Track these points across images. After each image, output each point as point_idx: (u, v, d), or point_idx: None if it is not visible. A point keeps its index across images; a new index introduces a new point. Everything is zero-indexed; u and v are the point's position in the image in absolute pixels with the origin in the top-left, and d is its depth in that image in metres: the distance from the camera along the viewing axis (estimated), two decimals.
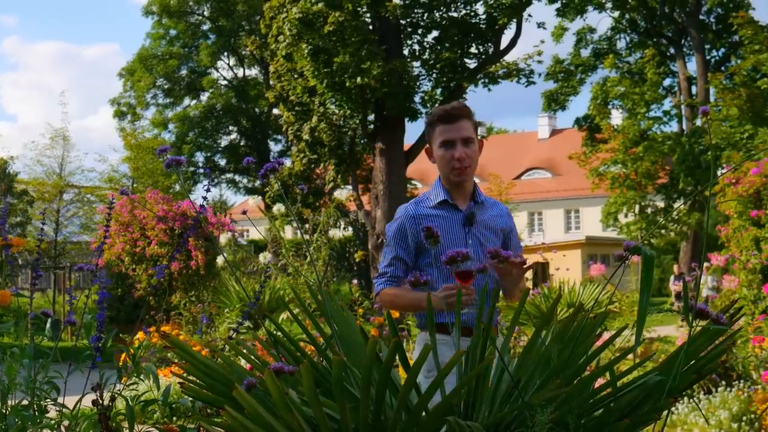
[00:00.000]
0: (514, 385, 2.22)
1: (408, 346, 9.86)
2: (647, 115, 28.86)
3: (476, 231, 3.92)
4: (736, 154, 21.17)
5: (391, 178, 22.34)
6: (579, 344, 2.27)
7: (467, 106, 4.03)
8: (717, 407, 6.61)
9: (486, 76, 23.15)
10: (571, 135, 47.58)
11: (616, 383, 2.15)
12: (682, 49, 31.46)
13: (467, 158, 3.91)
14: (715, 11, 31.36)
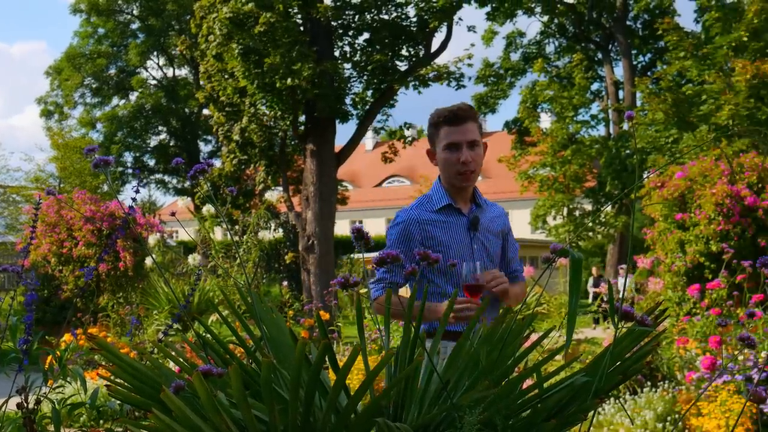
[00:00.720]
0: (443, 386, 2.24)
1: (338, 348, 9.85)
2: (575, 118, 29.24)
3: (480, 235, 3.85)
4: (662, 158, 21.52)
5: (321, 180, 22.29)
6: (507, 346, 2.30)
7: (473, 107, 3.93)
8: (642, 407, 6.72)
9: (416, 79, 23.22)
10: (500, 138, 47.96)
11: (543, 384, 2.18)
12: (609, 54, 31.91)
13: (473, 162, 3.81)
14: (641, 17, 31.87)
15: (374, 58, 22.66)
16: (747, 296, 8.59)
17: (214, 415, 1.94)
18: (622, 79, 30.92)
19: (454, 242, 3.81)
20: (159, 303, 12.65)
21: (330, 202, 22.63)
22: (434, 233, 3.80)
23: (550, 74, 31.51)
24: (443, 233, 3.81)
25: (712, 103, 21.36)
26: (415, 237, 3.78)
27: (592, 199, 29.19)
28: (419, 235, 3.78)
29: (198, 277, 7.17)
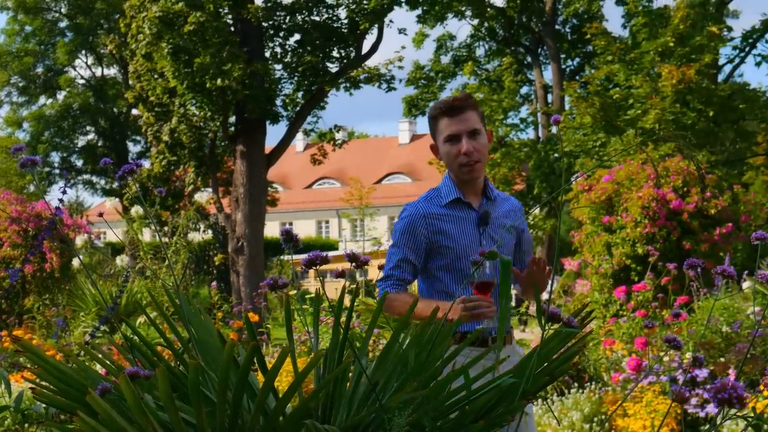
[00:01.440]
0: (372, 388, 2.24)
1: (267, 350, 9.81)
2: (505, 122, 29.47)
3: (491, 230, 3.72)
4: (590, 161, 21.79)
5: (252, 181, 22.18)
6: (436, 347, 2.31)
7: (471, 96, 3.82)
8: (570, 408, 6.79)
9: (347, 81, 23.23)
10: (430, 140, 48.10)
11: (471, 385, 2.19)
12: (538, 58, 32.21)
13: (475, 152, 3.66)
14: (570, 22, 32.22)
15: (305, 59, 22.62)
16: (672, 298, 8.74)
17: (140, 417, 1.92)
18: (551, 83, 31.24)
19: (463, 237, 3.69)
20: (86, 305, 12.47)
21: (260, 204, 22.53)
22: (442, 228, 3.69)
23: (480, 77, 31.72)
24: (451, 228, 3.69)
25: (639, 107, 21.69)
26: (421, 231, 3.68)
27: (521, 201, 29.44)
28: (425, 230, 3.68)
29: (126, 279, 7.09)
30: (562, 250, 25.96)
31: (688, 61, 21.97)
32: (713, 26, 23.03)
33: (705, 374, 6.01)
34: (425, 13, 29.98)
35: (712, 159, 20.70)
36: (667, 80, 21.22)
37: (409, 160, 57.43)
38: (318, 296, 2.57)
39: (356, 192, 34.50)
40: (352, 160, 54.63)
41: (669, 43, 22.36)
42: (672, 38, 22.36)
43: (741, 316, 8.22)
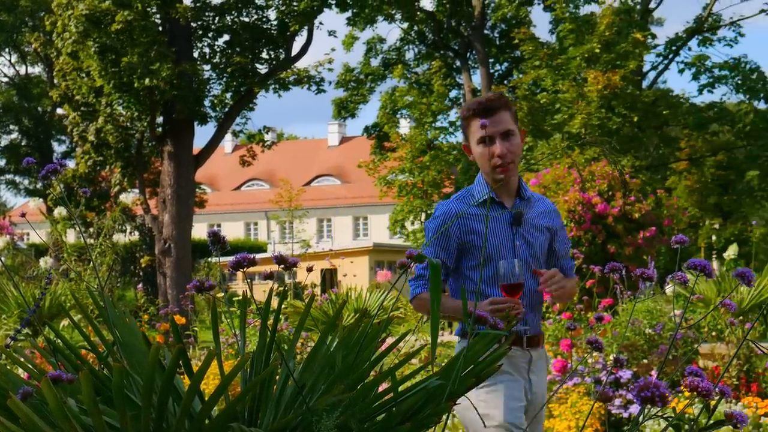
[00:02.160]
0: (299, 390, 2.23)
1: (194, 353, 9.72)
2: (434, 125, 29.60)
3: (523, 231, 3.67)
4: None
5: (179, 182, 21.99)
6: (363, 349, 2.31)
7: (504, 95, 3.77)
8: None
9: (277, 82, 23.17)
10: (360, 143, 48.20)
11: (398, 388, 2.20)
12: (467, 62, 32.41)
13: (509, 153, 3.60)
14: (499, 27, 32.49)
15: (234, 60, 22.50)
16: (596, 300, 8.85)
17: (63, 421, 1.89)
18: (479, 87, 31.47)
19: (495, 237, 3.65)
20: (8, 307, 12.24)
21: (187, 205, 22.35)
22: (473, 227, 3.65)
23: (409, 80, 31.83)
24: (483, 228, 3.65)
25: (565, 112, 21.96)
26: (452, 231, 3.64)
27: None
28: (457, 230, 3.64)
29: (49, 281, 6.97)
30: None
31: (613, 67, 22.31)
32: (638, 33, 23.42)
33: (628, 375, 6.10)
34: (355, 15, 30.01)
35: (637, 164, 21.05)
36: (593, 86, 21.51)
37: (339, 163, 57.42)
38: (245, 298, 2.56)
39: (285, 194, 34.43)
40: (281, 162, 54.46)
41: (595, 50, 22.67)
42: (598, 44, 22.68)
43: (664, 318, 8.37)
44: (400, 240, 32.37)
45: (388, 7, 30.03)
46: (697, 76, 27.79)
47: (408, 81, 31.69)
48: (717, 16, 29.79)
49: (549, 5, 27.48)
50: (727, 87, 27.55)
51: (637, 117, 22.69)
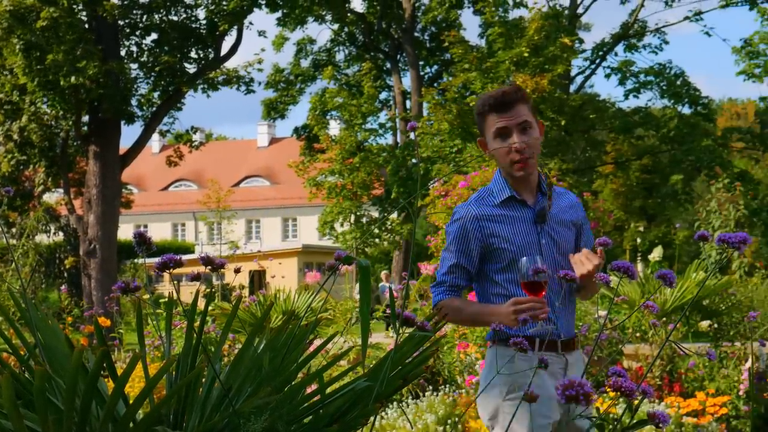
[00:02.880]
0: (225, 392, 2.21)
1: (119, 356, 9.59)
2: (364, 126, 29.62)
3: (549, 228, 3.48)
4: (446, 167, 22.10)
5: (105, 183, 21.70)
6: (291, 351, 2.29)
7: (521, 88, 3.59)
8: (424, 411, 6.85)
9: (205, 82, 23.00)
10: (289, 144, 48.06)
11: (326, 390, 2.19)
12: (397, 64, 32.50)
13: (527, 147, 3.42)
14: (429, 29, 32.62)
15: (162, 59, 22.28)
16: None
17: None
18: (409, 89, 31.56)
19: (519, 237, 3.46)
20: None
21: (113, 206, 22.06)
22: (495, 229, 3.48)
23: (339, 82, 31.83)
24: (506, 228, 3.48)
25: None
26: (473, 235, 3.48)
27: (379, 206, 29.64)
28: (478, 233, 3.47)
29: None
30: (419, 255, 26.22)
31: (541, 71, 22.52)
32: (566, 38, 23.68)
33: None
34: (285, 16, 29.92)
35: (564, 167, 21.27)
36: None
37: (268, 164, 57.19)
38: (172, 300, 2.53)
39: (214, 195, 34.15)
40: (209, 163, 54.08)
41: (524, 53, 22.88)
42: (527, 49, 22.89)
43: (589, 319, 8.46)
44: (329, 241, 32.31)
45: (318, 8, 30.01)
46: (623, 81, 28.22)
47: (338, 82, 31.70)
48: (643, 22, 30.31)
49: (479, 9, 27.70)
50: (653, 92, 28.06)
51: (565, 121, 22.94)
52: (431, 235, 13.07)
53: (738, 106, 68.58)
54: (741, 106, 68.18)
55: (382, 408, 6.79)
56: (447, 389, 7.45)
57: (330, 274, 2.37)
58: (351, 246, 27.94)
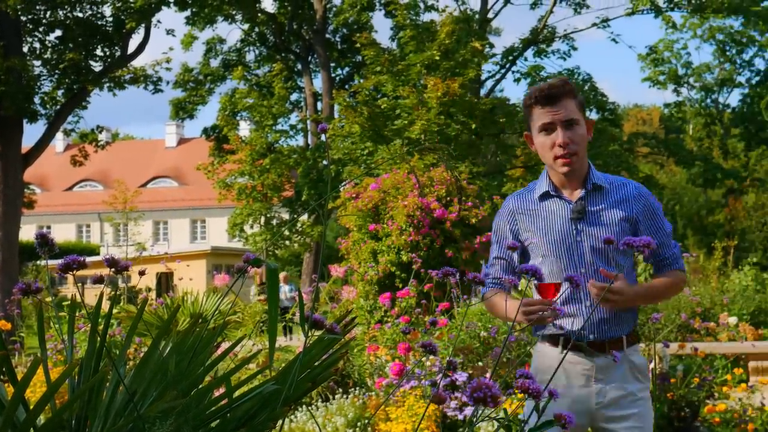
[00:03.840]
0: (130, 397, 2.15)
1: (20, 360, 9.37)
2: (274, 128, 29.50)
3: (589, 226, 3.34)
4: (357, 169, 22.11)
5: (6, 182, 21.20)
6: (198, 354, 2.25)
7: (569, 82, 3.44)
8: (334, 414, 6.83)
9: (112, 80, 22.64)
10: (198, 144, 47.65)
11: (233, 393, 2.15)
12: (309, 66, 32.44)
13: (572, 143, 3.31)
14: (340, 31, 32.63)
15: (67, 56, 21.86)
16: (434, 304, 8.95)
17: None
18: (320, 91, 31.53)
19: (552, 233, 3.36)
20: None
21: (15, 206, 21.57)
22: (529, 224, 3.42)
23: (250, 82, 31.65)
24: (540, 223, 3.40)
25: (405, 117, 22.19)
26: (507, 228, 3.46)
27: (289, 208, 29.54)
28: (513, 226, 3.44)
29: None
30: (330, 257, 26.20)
31: (452, 75, 22.69)
32: (476, 42, 23.91)
33: (464, 378, 6.18)
34: (194, 15, 29.64)
35: (474, 170, 21.44)
36: (433, 92, 21.82)
37: (177, 164, 56.58)
38: (75, 303, 2.46)
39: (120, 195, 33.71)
40: (116, 163, 53.31)
41: (435, 57, 23.01)
42: (438, 52, 23.03)
43: (498, 321, 8.53)
44: (239, 243, 32.10)
45: (228, 8, 29.79)
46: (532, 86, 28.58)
47: (248, 83, 31.51)
48: (552, 28, 30.78)
49: (390, 11, 27.81)
50: None
51: (475, 124, 23.13)
52: (342, 237, 13.05)
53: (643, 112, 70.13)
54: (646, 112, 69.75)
55: (291, 411, 6.74)
56: (357, 392, 7.43)
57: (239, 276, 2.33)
58: (260, 248, 27.79)
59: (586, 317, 3.33)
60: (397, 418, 6.33)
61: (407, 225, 11.47)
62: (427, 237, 11.50)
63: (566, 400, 3.31)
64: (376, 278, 11.65)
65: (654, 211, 3.42)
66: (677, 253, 3.50)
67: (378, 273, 11.63)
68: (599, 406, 3.34)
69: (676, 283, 3.49)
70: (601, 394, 3.34)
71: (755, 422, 6.72)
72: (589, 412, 3.35)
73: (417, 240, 11.44)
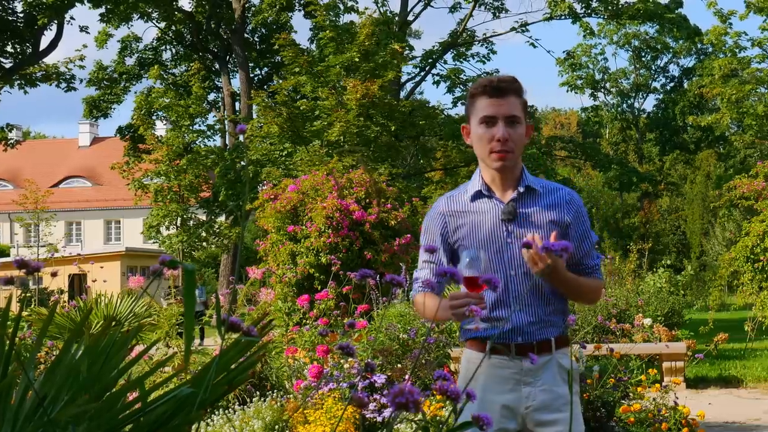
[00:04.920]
0: (40, 401, 2.08)
1: None
2: (192, 128, 29.19)
3: (520, 228, 3.27)
4: (276, 170, 21.97)
5: None
6: (111, 358, 2.18)
7: (518, 80, 3.34)
8: (251, 417, 6.75)
9: (22, 78, 22.21)
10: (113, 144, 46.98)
11: (147, 397, 2.09)
12: (227, 66, 32.20)
13: (510, 141, 3.22)
14: (259, 31, 32.47)
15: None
16: (353, 306, 8.93)
17: None
18: (239, 91, 31.31)
19: (482, 234, 3.29)
20: None
21: None
22: (460, 225, 3.34)
23: (166, 82, 31.30)
24: (470, 225, 3.32)
25: (325, 119, 22.13)
26: (436, 230, 3.37)
27: (206, 209, 29.27)
28: (443, 229, 3.35)
29: None
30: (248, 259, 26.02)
31: (372, 77, 22.68)
32: (396, 45, 23.94)
33: (383, 380, 6.16)
34: (109, 12, 29.19)
35: (394, 172, 21.48)
36: (352, 94, 21.80)
37: (90, 164, 55.69)
38: None
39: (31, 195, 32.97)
40: (27, 162, 52.29)
41: (354, 59, 22.99)
42: (357, 54, 23.01)
43: (417, 323, 8.53)
44: (154, 245, 31.70)
45: (144, 5, 29.41)
46: (451, 89, 28.76)
47: (165, 82, 31.16)
48: (471, 32, 30.98)
49: (310, 12, 27.70)
50: None
51: (395, 126, 23.16)
52: (260, 239, 12.95)
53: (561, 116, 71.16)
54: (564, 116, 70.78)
55: (207, 415, 6.65)
56: (275, 395, 7.36)
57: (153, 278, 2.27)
58: (177, 249, 27.48)
59: (516, 322, 3.29)
60: (316, 420, 6.29)
61: (326, 227, 11.43)
62: (346, 239, 11.48)
63: (496, 404, 3.28)
64: (294, 280, 11.60)
65: (584, 219, 3.39)
66: (598, 264, 3.48)
67: (296, 275, 11.57)
68: (529, 409, 3.30)
69: (597, 289, 3.49)
70: (531, 397, 3.30)
71: (668, 422, 6.82)
72: (520, 416, 3.31)
73: (336, 242, 11.41)
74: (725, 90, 30.61)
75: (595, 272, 3.44)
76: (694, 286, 31.06)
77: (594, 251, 3.45)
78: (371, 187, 12.06)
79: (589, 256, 3.42)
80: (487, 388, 3.30)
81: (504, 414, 3.28)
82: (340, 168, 13.71)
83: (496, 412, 3.26)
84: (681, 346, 11.42)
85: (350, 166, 14.83)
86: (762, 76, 31.12)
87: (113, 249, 42.27)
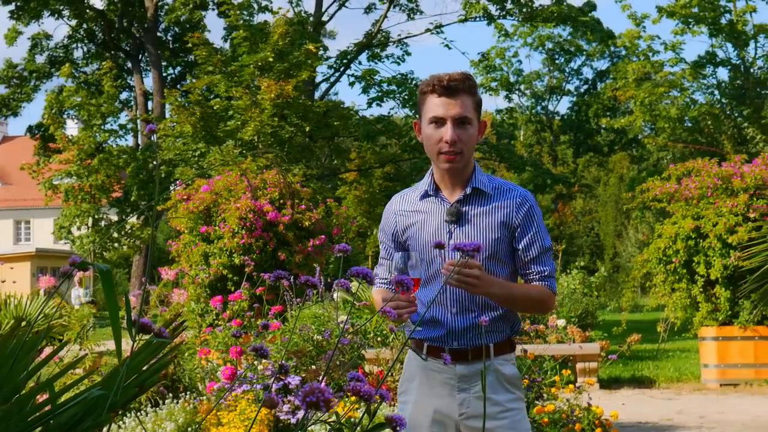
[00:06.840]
0: None
1: None
2: (103, 127, 28.73)
3: (464, 229, 3.20)
4: (189, 170, 21.76)
5: None
6: (20, 360, 2.17)
7: (471, 78, 3.25)
8: (164, 419, 6.70)
9: None
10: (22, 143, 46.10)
11: (57, 399, 2.08)
12: (139, 64, 31.82)
13: (459, 142, 3.15)
14: (172, 30, 32.16)
15: None
16: (267, 307, 8.92)
17: None
18: (151, 90, 30.95)
19: (426, 235, 3.23)
20: None
21: None
22: (408, 225, 3.31)
23: (77, 80, 30.80)
24: (417, 225, 3.28)
25: (238, 119, 22.00)
26: (389, 229, 3.36)
27: (118, 209, 28.85)
28: (393, 227, 3.34)
29: None
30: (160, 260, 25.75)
31: (286, 77, 22.62)
32: (311, 45, 23.90)
33: (297, 381, 6.17)
34: (19, 9, 28.67)
35: (308, 173, 21.45)
36: (266, 94, 21.70)
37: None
38: None
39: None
40: None
41: (268, 58, 22.88)
42: (271, 53, 22.91)
43: (331, 324, 8.56)
44: (65, 245, 31.16)
45: (55, 3, 28.90)
46: (366, 90, 28.80)
47: (76, 81, 30.66)
48: (386, 33, 31.06)
49: (223, 11, 27.51)
50: (395, 101, 28.77)
51: (309, 127, 23.13)
52: (173, 239, 12.83)
53: None
54: None
55: (119, 417, 6.59)
56: (188, 396, 7.31)
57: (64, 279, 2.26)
58: (88, 250, 27.05)
59: (451, 324, 3.25)
60: (229, 422, 6.27)
61: (240, 227, 11.38)
62: (259, 240, 11.45)
63: (429, 408, 3.25)
64: (207, 281, 11.53)
65: (535, 222, 3.28)
66: (549, 272, 3.31)
67: (209, 276, 11.51)
68: (463, 416, 3.24)
69: (541, 298, 3.30)
70: (465, 404, 3.23)
71: (582, 422, 6.93)
72: (454, 423, 3.25)
73: (250, 243, 11.37)
74: (638, 93, 31.17)
75: (544, 279, 3.29)
76: (608, 288, 31.59)
77: (546, 257, 3.32)
78: (285, 187, 12.04)
79: (538, 261, 3.29)
80: (422, 392, 3.28)
81: (437, 419, 3.25)
82: (254, 168, 13.66)
83: (428, 416, 3.24)
84: (594, 347, 11.62)
85: (264, 166, 14.77)
86: (674, 79, 31.77)
87: (23, 249, 41.49)
